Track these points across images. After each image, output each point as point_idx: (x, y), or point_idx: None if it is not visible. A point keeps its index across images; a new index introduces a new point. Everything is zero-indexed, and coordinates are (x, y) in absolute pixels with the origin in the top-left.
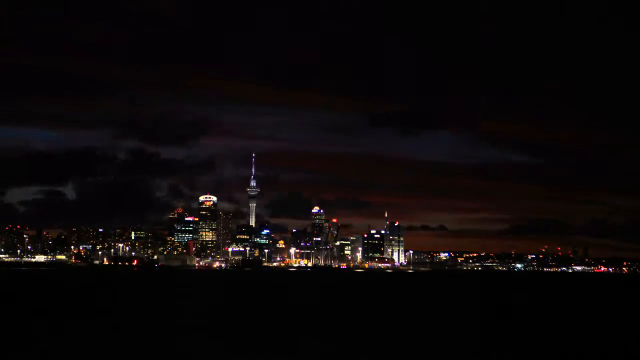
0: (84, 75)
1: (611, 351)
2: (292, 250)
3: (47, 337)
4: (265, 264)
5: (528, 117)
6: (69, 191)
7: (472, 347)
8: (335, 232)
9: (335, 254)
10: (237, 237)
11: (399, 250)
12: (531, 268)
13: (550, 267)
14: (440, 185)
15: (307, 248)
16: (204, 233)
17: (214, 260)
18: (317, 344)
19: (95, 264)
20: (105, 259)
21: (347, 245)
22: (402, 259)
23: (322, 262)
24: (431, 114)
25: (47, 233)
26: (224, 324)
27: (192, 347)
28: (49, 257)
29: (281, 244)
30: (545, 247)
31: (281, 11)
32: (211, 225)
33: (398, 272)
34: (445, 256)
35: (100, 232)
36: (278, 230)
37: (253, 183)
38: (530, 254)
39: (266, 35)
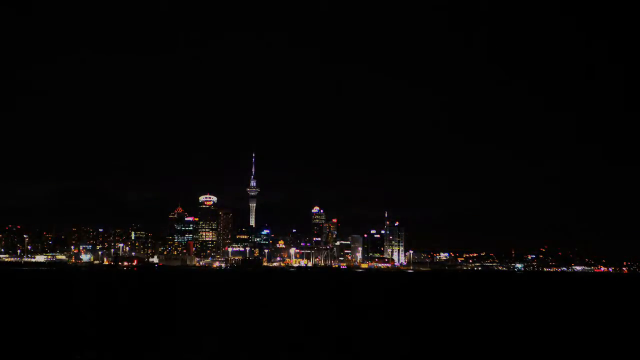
0: None
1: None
2: (292, 250)
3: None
4: (266, 263)
5: None
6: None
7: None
8: (336, 232)
9: (335, 254)
10: (237, 237)
11: (399, 250)
12: (531, 268)
13: (550, 267)
14: None
15: (307, 248)
16: (204, 233)
17: (214, 260)
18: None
19: (95, 264)
20: (105, 259)
21: (347, 245)
22: (402, 259)
23: (322, 262)
24: None
25: (47, 233)
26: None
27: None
28: (49, 257)
29: (281, 244)
30: (546, 247)
31: None
32: (211, 225)
33: (395, 273)
34: (445, 256)
35: (100, 232)
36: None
37: (253, 183)
38: (531, 254)
39: None
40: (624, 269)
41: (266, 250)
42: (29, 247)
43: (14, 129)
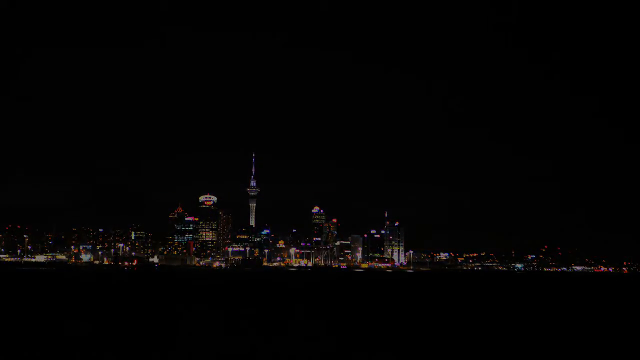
0: None
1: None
2: (292, 250)
3: None
4: (266, 263)
5: None
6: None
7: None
8: (336, 232)
9: (335, 254)
10: (237, 237)
11: (399, 250)
12: (531, 268)
13: (550, 267)
14: None
15: (307, 248)
16: (204, 233)
17: (214, 260)
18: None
19: (95, 264)
20: (105, 259)
21: (347, 245)
22: (402, 259)
23: (322, 262)
24: None
25: (47, 233)
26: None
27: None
28: (49, 257)
29: (281, 244)
30: (546, 247)
31: None
32: (211, 225)
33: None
34: (445, 256)
35: (100, 232)
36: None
37: (253, 183)
38: (531, 254)
39: None
40: (624, 269)
41: (266, 250)
42: (29, 247)
43: (14, 127)
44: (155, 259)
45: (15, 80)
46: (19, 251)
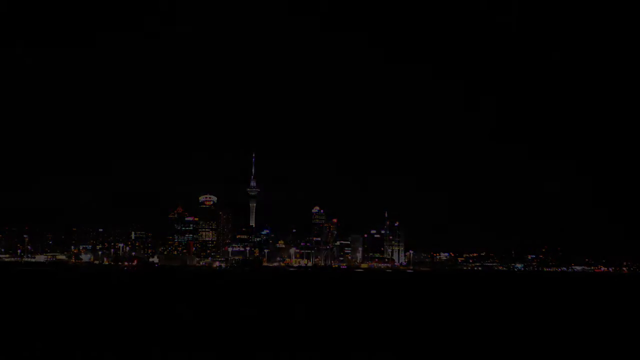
0: None
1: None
2: (292, 250)
3: None
4: (266, 263)
5: None
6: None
7: None
8: (336, 232)
9: (335, 254)
10: (237, 237)
11: (399, 250)
12: (531, 268)
13: (550, 267)
14: None
15: (307, 248)
16: (204, 233)
17: (214, 260)
18: None
19: (95, 264)
20: (105, 259)
21: (347, 245)
22: (402, 259)
23: (322, 262)
24: None
25: (47, 233)
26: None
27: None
28: (49, 257)
29: (281, 244)
30: (546, 247)
31: None
32: (211, 225)
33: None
34: (445, 256)
35: (100, 232)
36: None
37: (253, 183)
38: (531, 254)
39: None
40: (624, 268)
41: (266, 250)
42: (29, 247)
43: (14, 127)
44: (155, 259)
45: (16, 80)
46: (19, 251)
